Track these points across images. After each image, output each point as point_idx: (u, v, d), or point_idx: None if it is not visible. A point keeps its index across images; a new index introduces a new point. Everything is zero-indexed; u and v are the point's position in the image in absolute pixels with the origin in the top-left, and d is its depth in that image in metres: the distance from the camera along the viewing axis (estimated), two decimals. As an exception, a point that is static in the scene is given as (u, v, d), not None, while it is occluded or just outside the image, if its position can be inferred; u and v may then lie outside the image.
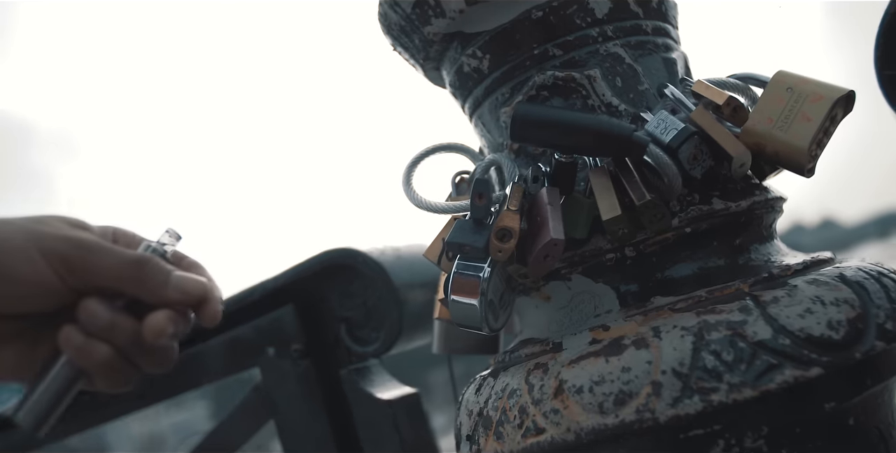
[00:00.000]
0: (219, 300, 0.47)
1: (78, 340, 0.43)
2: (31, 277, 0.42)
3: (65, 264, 0.42)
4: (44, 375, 0.44)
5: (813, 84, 0.52)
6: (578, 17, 0.56)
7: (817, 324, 0.46)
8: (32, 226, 0.43)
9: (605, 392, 0.47)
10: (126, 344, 0.44)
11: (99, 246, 0.44)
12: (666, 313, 0.50)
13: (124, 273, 0.43)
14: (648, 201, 0.48)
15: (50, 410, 0.44)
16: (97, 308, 0.43)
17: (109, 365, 0.44)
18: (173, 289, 0.44)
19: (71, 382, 0.44)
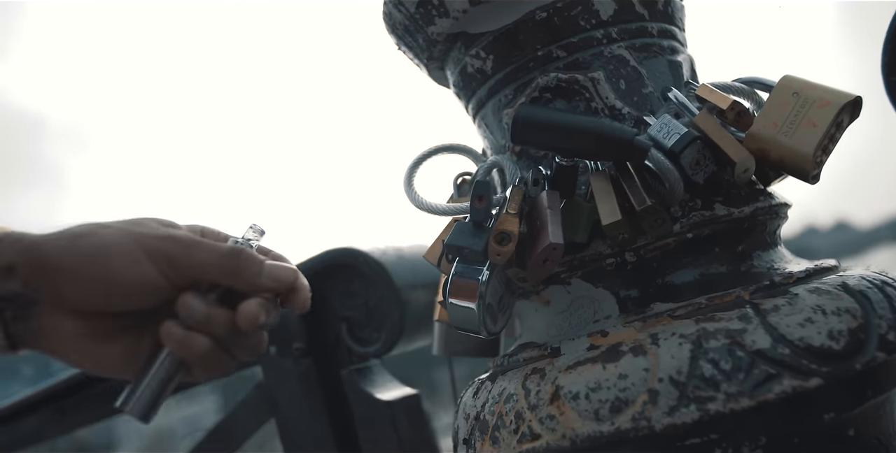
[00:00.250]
0: (307, 288, 0.49)
1: (178, 334, 0.45)
2: (138, 277, 0.44)
3: (167, 261, 0.45)
4: (148, 368, 0.46)
5: (819, 89, 0.51)
6: (583, 19, 0.55)
7: (818, 334, 0.45)
8: (132, 228, 0.46)
9: (601, 399, 0.47)
10: (222, 334, 0.46)
11: (195, 241, 0.46)
12: (665, 320, 0.49)
13: (221, 265, 0.46)
14: (648, 207, 0.47)
15: (155, 400, 0.46)
16: (194, 302, 0.45)
17: (208, 355, 0.46)
18: (267, 277, 0.47)
19: (173, 373, 0.47)
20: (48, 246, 0.44)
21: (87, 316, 0.45)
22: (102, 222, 0.47)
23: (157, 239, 0.45)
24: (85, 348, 0.46)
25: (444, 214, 0.59)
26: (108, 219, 0.47)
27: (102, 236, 0.45)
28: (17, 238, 0.45)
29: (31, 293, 0.44)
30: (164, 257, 0.45)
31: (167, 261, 0.45)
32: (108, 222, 0.47)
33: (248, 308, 0.46)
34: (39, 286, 0.44)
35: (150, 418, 0.47)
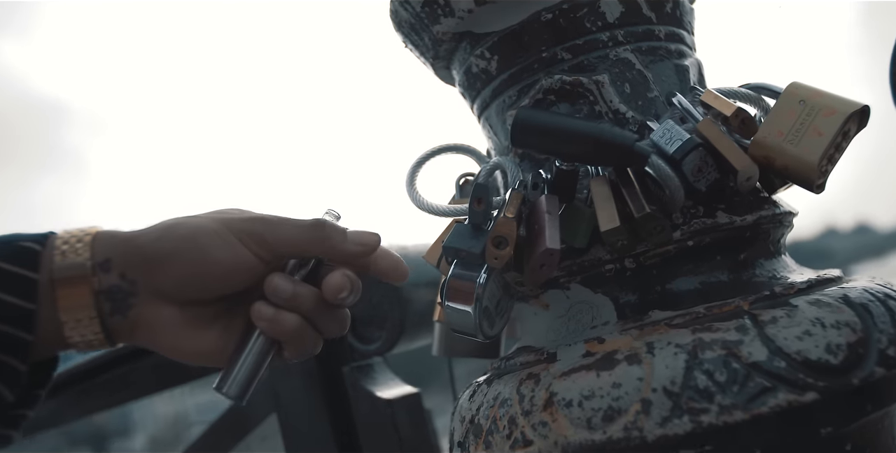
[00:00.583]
0: (395, 255, 0.52)
1: (268, 313, 0.47)
2: (233, 258, 0.46)
3: (257, 240, 0.47)
4: (241, 350, 0.47)
5: (827, 97, 0.50)
6: (589, 21, 0.54)
7: (815, 348, 0.45)
8: (217, 215, 0.48)
9: (594, 407, 0.47)
10: (310, 310, 0.48)
11: (280, 219, 0.48)
12: (662, 328, 0.49)
13: (308, 235, 0.48)
14: (647, 214, 0.47)
15: (250, 381, 0.48)
16: (280, 281, 0.47)
17: (298, 332, 0.47)
18: (352, 242, 0.49)
19: (265, 354, 0.48)
20: (141, 239, 0.46)
21: (183, 304, 0.47)
22: (188, 215, 0.48)
23: (245, 220, 0.47)
24: (181, 337, 0.47)
25: (445, 215, 0.59)
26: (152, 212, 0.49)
27: (192, 224, 0.47)
28: (109, 235, 0.46)
29: (128, 285, 0.46)
30: (254, 236, 0.47)
31: (257, 240, 0.47)
32: (194, 214, 0.48)
33: (332, 279, 0.47)
34: (135, 277, 0.46)
35: (246, 399, 0.48)
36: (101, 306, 0.45)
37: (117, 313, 0.46)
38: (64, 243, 0.45)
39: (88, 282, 0.44)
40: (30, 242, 0.45)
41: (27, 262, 0.44)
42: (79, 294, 0.44)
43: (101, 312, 0.45)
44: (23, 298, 0.44)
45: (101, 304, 0.45)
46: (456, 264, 0.52)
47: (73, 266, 0.45)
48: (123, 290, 0.45)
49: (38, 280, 0.44)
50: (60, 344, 0.45)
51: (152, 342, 0.47)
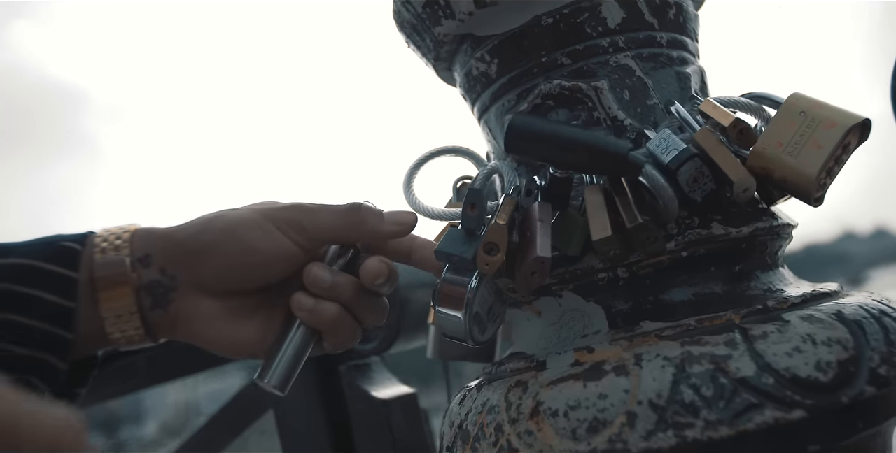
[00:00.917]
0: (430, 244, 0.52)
1: (308, 303, 0.48)
2: (273, 247, 0.47)
3: (295, 228, 0.47)
4: (281, 341, 0.48)
5: (828, 109, 0.49)
6: (589, 26, 0.54)
7: (805, 365, 0.44)
8: (255, 206, 0.48)
9: (579, 417, 0.46)
10: (349, 299, 0.48)
11: (315, 205, 0.49)
12: (652, 339, 0.48)
13: (345, 220, 0.48)
14: (639, 224, 0.46)
15: (292, 371, 0.48)
16: (319, 271, 0.48)
17: (338, 321, 0.48)
18: (389, 222, 0.49)
19: (306, 344, 0.49)
20: (180, 234, 0.47)
21: (224, 295, 0.47)
22: (227, 208, 0.49)
23: (282, 209, 0.48)
24: (222, 329, 0.48)
25: (440, 219, 0.59)
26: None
27: (231, 216, 0.47)
28: (146, 231, 0.47)
29: (168, 280, 0.46)
30: (292, 224, 0.47)
31: (295, 228, 0.47)
32: (231, 207, 0.49)
33: (369, 265, 0.48)
34: (175, 272, 0.46)
35: (287, 389, 0.49)
36: (141, 301, 0.46)
37: (158, 307, 0.46)
38: (104, 241, 0.46)
39: (128, 277, 0.45)
40: (70, 242, 0.46)
41: (67, 262, 0.45)
42: (119, 289, 0.45)
43: (141, 307, 0.46)
44: (63, 297, 0.44)
45: (141, 299, 0.46)
46: (448, 269, 0.52)
47: (112, 263, 0.45)
48: (164, 285, 0.46)
49: (78, 279, 0.45)
50: (101, 341, 0.46)
51: (193, 335, 0.48)
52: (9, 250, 0.45)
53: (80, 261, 0.46)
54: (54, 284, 0.44)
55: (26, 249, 0.45)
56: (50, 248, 0.46)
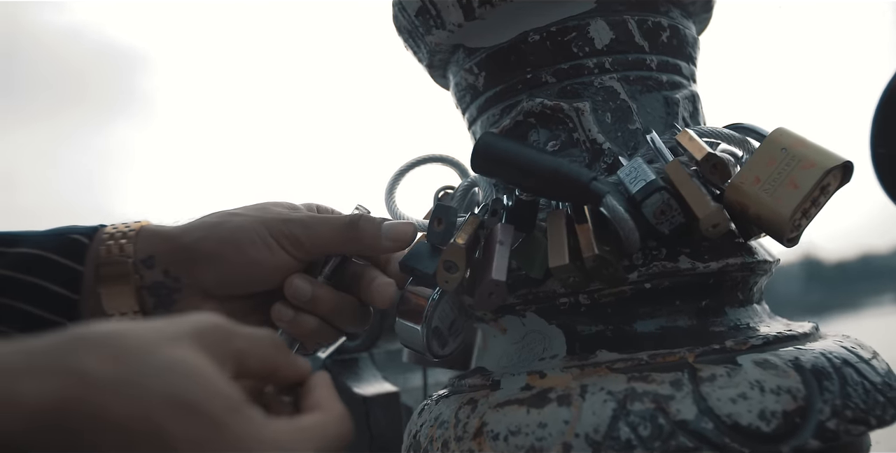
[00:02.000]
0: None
1: (288, 314, 0.49)
2: (270, 260, 0.48)
3: (292, 242, 0.48)
4: None
5: (810, 148, 0.48)
6: (576, 46, 0.53)
7: (748, 412, 0.43)
8: (259, 214, 0.49)
9: (518, 443, 0.46)
10: (328, 311, 0.49)
11: (316, 219, 0.49)
12: (602, 371, 0.48)
13: (343, 236, 0.49)
14: (594, 256, 0.45)
15: None
16: (300, 283, 0.48)
17: (317, 332, 0.49)
18: (386, 237, 0.49)
19: (289, 347, 0.50)
20: (185, 238, 0.48)
21: (223, 299, 0.49)
22: (231, 210, 0.50)
23: (283, 222, 0.48)
24: None
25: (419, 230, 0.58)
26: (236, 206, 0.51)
27: (234, 224, 0.48)
28: (153, 231, 0.48)
29: (172, 282, 0.48)
30: (291, 239, 0.48)
31: (293, 242, 0.48)
32: (236, 210, 0.50)
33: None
34: (179, 274, 0.47)
35: None
36: (144, 301, 0.47)
37: (161, 307, 0.48)
38: (110, 238, 0.48)
39: (130, 278, 0.47)
40: (79, 235, 0.48)
41: (75, 255, 0.47)
42: (121, 289, 0.47)
43: (144, 306, 0.47)
44: (68, 289, 0.46)
45: (144, 299, 0.47)
46: (411, 281, 0.52)
47: (116, 262, 0.47)
48: (168, 287, 0.48)
49: (84, 272, 0.47)
50: None
51: None
52: (21, 239, 0.47)
53: (87, 254, 0.47)
54: (61, 276, 0.46)
55: (38, 239, 0.47)
56: (59, 240, 0.47)
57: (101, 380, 0.26)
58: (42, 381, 0.25)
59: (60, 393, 0.25)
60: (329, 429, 0.33)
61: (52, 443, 0.25)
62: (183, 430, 0.26)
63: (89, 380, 0.26)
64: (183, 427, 0.26)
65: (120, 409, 0.26)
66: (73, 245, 0.47)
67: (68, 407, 0.25)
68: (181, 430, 0.26)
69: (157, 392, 0.26)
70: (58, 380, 0.25)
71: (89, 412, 0.25)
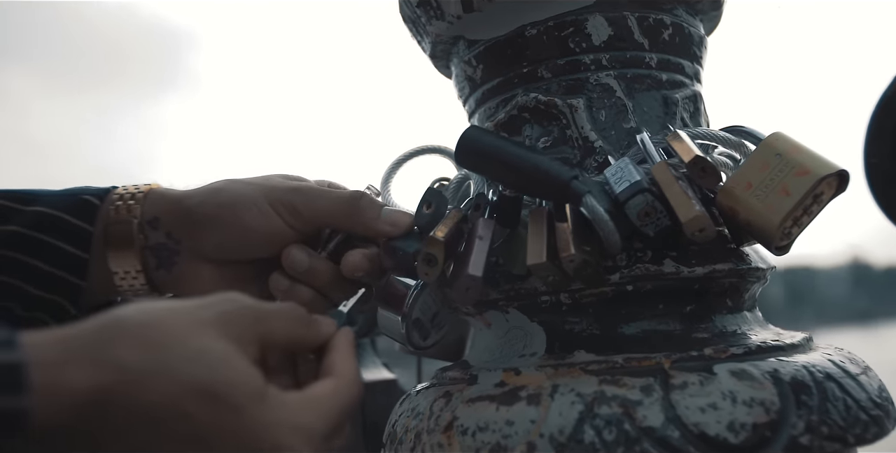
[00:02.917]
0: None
1: (284, 284, 0.50)
2: (265, 227, 0.48)
3: (289, 210, 0.49)
4: None
5: (805, 155, 0.46)
6: (573, 41, 0.52)
7: (716, 423, 0.42)
8: (261, 182, 0.50)
9: (484, 440, 0.46)
10: (324, 285, 0.50)
11: (317, 190, 0.50)
12: (576, 372, 0.47)
13: (342, 208, 0.49)
14: (571, 255, 0.45)
15: None
16: (297, 254, 0.49)
17: (312, 304, 0.50)
18: (384, 221, 0.50)
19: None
20: (189, 201, 0.49)
21: (223, 264, 0.49)
22: (236, 178, 0.51)
23: (283, 191, 0.49)
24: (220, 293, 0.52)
25: (410, 220, 0.58)
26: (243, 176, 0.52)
27: (234, 190, 0.49)
28: (160, 194, 0.50)
29: (173, 244, 0.49)
30: (288, 207, 0.48)
31: (290, 210, 0.48)
32: (243, 179, 0.51)
33: (351, 258, 0.49)
34: (181, 237, 0.49)
35: None
36: (146, 261, 0.49)
37: (162, 268, 0.49)
38: (119, 199, 0.49)
39: (134, 238, 0.48)
40: (91, 196, 0.49)
41: (86, 215, 0.49)
42: (126, 249, 0.48)
43: (146, 266, 0.49)
44: (78, 248, 0.48)
45: (146, 259, 0.49)
46: (396, 270, 0.52)
47: (122, 221, 0.49)
48: (169, 248, 0.49)
49: (94, 232, 0.48)
50: (112, 292, 0.50)
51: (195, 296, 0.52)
52: (36, 198, 0.49)
53: (97, 215, 0.49)
54: (72, 235, 0.48)
55: (52, 199, 0.49)
56: (72, 200, 0.49)
57: (135, 370, 0.29)
58: (84, 371, 0.28)
59: (100, 382, 0.28)
60: (339, 397, 0.36)
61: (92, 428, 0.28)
62: (207, 416, 0.30)
63: (125, 370, 0.29)
64: (207, 412, 0.30)
65: (152, 396, 0.29)
66: (85, 206, 0.49)
67: (107, 394, 0.28)
68: (206, 416, 0.30)
69: (184, 381, 0.30)
70: (97, 371, 0.28)
71: (124, 398, 0.28)
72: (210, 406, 0.30)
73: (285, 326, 0.37)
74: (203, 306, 0.34)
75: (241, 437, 0.30)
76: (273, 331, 0.36)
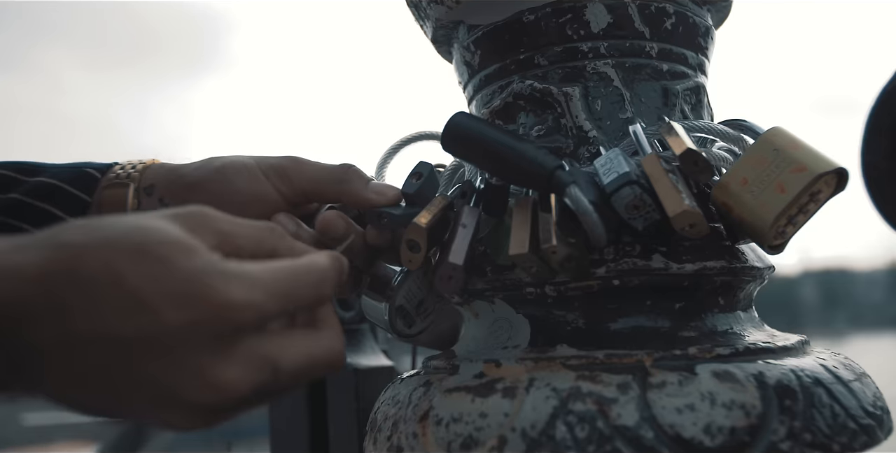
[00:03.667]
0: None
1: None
2: (252, 189, 0.49)
3: (280, 176, 0.50)
4: None
5: (802, 151, 0.44)
6: (571, 28, 0.50)
7: (692, 425, 0.41)
8: (256, 155, 0.52)
9: (457, 431, 0.45)
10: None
11: (308, 160, 0.51)
12: (556, 366, 0.46)
13: (330, 176, 0.50)
14: (553, 247, 0.44)
15: None
16: (284, 219, 0.50)
17: None
18: (371, 190, 0.50)
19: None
20: (184, 169, 0.51)
21: None
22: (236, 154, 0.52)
23: (275, 159, 0.50)
24: None
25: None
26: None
27: (228, 158, 0.51)
28: (160, 165, 0.52)
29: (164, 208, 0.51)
30: (279, 172, 0.49)
31: (280, 175, 0.49)
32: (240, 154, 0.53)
33: (326, 216, 0.49)
34: (172, 203, 0.50)
35: None
36: None
37: None
38: (121, 169, 0.51)
39: (129, 203, 0.50)
40: (93, 169, 0.52)
41: (85, 186, 0.50)
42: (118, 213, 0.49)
43: None
44: (73, 216, 0.49)
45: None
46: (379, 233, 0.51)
47: (118, 185, 0.50)
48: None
49: (91, 203, 0.50)
50: None
51: None
52: (41, 170, 0.51)
53: (96, 187, 0.50)
54: (70, 205, 0.49)
55: (56, 170, 0.51)
56: (75, 172, 0.51)
57: (78, 245, 0.30)
58: (31, 254, 0.30)
59: (46, 260, 0.29)
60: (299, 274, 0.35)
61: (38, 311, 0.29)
62: (136, 271, 0.30)
63: (69, 247, 0.30)
64: (137, 269, 0.30)
65: (90, 266, 0.29)
66: (86, 177, 0.51)
67: (53, 271, 0.29)
68: (134, 271, 0.30)
69: (120, 247, 0.30)
70: (43, 251, 0.30)
71: (66, 273, 0.29)
72: (140, 263, 0.30)
73: (253, 233, 0.36)
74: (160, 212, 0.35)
75: (171, 286, 0.30)
76: (236, 234, 0.35)
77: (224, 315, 0.30)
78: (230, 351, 0.31)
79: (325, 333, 0.36)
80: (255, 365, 0.32)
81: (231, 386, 0.31)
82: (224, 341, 0.31)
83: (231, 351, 0.31)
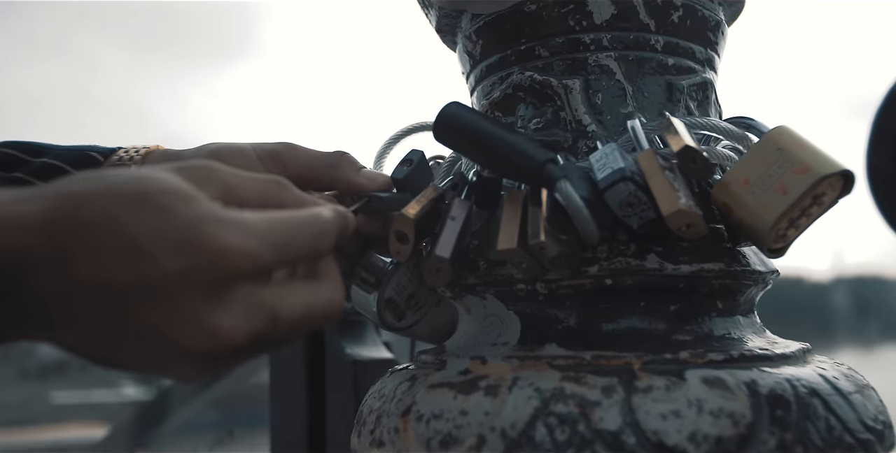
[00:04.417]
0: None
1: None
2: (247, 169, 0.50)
3: (274, 159, 0.50)
4: None
5: (807, 151, 0.42)
6: (573, 19, 0.49)
7: (676, 432, 0.39)
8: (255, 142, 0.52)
9: (437, 429, 0.44)
10: None
11: (303, 146, 0.51)
12: (542, 365, 0.45)
13: (324, 161, 0.50)
14: (541, 242, 0.42)
15: None
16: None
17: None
18: (363, 176, 0.50)
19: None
20: (184, 154, 0.51)
21: None
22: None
23: (273, 143, 0.50)
24: None
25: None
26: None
27: (226, 143, 0.51)
28: (162, 151, 0.53)
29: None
30: (273, 156, 0.50)
31: (275, 159, 0.50)
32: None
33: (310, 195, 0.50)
34: None
35: None
36: None
37: None
38: (124, 152, 0.53)
39: None
40: (96, 153, 0.52)
41: (87, 169, 0.51)
42: None
43: None
44: None
45: None
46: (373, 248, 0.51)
47: (117, 165, 0.51)
48: None
49: None
50: None
51: None
52: (46, 150, 0.52)
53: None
54: None
55: (60, 152, 0.52)
56: (78, 155, 0.52)
57: (80, 194, 0.30)
58: (37, 204, 0.30)
59: (49, 209, 0.30)
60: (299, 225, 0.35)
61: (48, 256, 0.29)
62: (136, 219, 0.30)
63: (71, 196, 0.30)
64: (136, 216, 0.30)
65: (92, 211, 0.30)
66: (89, 160, 0.51)
67: (56, 219, 0.29)
68: (134, 219, 0.30)
69: (120, 195, 0.30)
70: (48, 201, 0.30)
71: (69, 221, 0.29)
72: (140, 211, 0.30)
73: (257, 185, 0.36)
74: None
75: (169, 234, 0.30)
76: (239, 186, 0.35)
77: (218, 261, 0.30)
78: (226, 299, 0.31)
79: (326, 284, 0.36)
80: (252, 313, 0.32)
81: (227, 333, 0.31)
82: (220, 288, 0.31)
83: (227, 299, 0.31)
